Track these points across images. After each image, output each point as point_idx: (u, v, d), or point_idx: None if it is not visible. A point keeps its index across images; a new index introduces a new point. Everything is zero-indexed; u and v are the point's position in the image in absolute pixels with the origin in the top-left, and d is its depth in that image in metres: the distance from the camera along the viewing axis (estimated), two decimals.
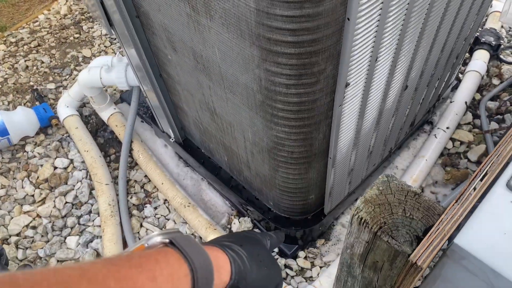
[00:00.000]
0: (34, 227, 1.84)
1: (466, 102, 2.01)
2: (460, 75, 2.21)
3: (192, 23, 1.07)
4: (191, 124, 1.72)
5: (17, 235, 1.82)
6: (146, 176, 1.98)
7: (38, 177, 1.98)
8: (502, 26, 2.45)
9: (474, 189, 0.74)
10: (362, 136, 1.34)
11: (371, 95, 1.19)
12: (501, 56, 2.30)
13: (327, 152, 1.29)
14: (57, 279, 0.35)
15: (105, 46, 2.58)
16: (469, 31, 1.59)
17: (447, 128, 1.92)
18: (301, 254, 1.72)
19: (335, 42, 0.91)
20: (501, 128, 1.99)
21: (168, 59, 1.39)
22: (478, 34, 2.27)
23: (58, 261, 1.76)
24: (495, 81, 2.25)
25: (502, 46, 2.29)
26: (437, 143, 1.88)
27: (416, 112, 1.73)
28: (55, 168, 2.02)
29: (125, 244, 1.78)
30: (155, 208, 1.91)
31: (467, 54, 2.23)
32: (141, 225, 1.86)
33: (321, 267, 1.69)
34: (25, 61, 2.51)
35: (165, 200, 1.91)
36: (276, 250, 1.74)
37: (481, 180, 0.76)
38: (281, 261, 1.70)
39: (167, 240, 0.47)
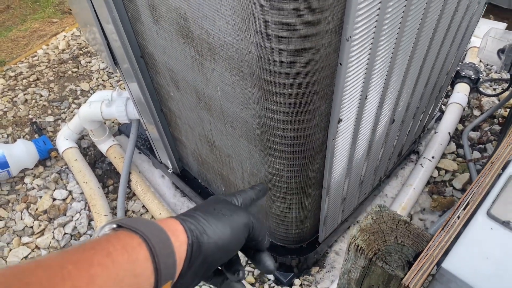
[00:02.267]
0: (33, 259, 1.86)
1: (449, 133, 2.13)
2: (443, 107, 2.33)
3: (197, 65, 1.16)
4: (189, 156, 1.79)
5: None
6: (143, 206, 2.03)
7: (37, 209, 2.01)
8: (480, 61, 2.61)
9: (458, 217, 0.82)
10: (354, 166, 1.43)
11: (362, 129, 1.28)
12: (481, 89, 2.44)
13: (321, 182, 1.37)
14: (13, 271, 0.35)
15: (103, 80, 2.66)
16: (451, 66, 1.71)
17: (433, 157, 2.02)
18: (297, 282, 1.77)
19: (328, 83, 1.01)
20: (483, 157, 2.10)
21: (170, 95, 1.48)
22: (458, 68, 2.41)
23: None
24: (476, 112, 2.38)
25: (481, 80, 2.43)
26: (423, 172, 1.97)
27: (403, 143, 1.83)
28: (54, 199, 2.05)
29: None
30: None
31: (449, 87, 2.36)
32: None
33: None
34: (24, 94, 2.58)
35: None
36: (272, 278, 1.78)
37: (464, 209, 0.84)
38: None
39: (114, 225, 0.47)
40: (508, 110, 2.32)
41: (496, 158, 0.91)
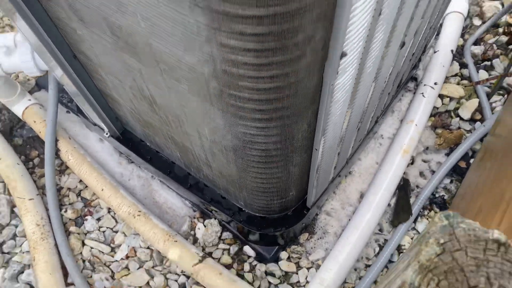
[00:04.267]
0: None
1: (452, 50, 1.73)
2: None
3: None
4: (127, 115, 1.33)
5: None
6: (81, 181, 1.59)
7: None
8: None
9: None
10: (354, 112, 1.03)
11: (369, 61, 0.86)
12: None
13: (312, 142, 0.97)
14: None
15: (9, 19, 2.06)
16: None
17: (435, 83, 1.64)
18: (283, 255, 1.44)
19: None
20: (492, 77, 1.74)
21: (78, 34, 0.99)
22: None
23: None
24: (476, 21, 1.98)
25: None
26: (426, 103, 1.60)
27: (405, 69, 1.43)
28: None
29: (65, 272, 1.42)
30: (98, 219, 1.54)
31: None
32: (83, 244, 1.49)
33: (308, 269, 1.41)
34: None
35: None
36: (253, 255, 1.44)
37: None
38: (261, 268, 1.41)
39: None
40: None
41: None
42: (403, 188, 1.53)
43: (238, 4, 0.53)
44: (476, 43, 1.90)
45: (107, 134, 1.47)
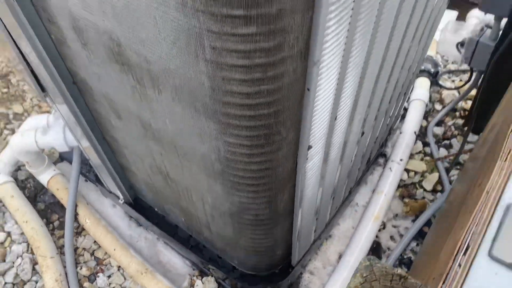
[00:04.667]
0: None
1: (415, 132, 2.06)
2: (405, 104, 2.26)
3: (138, 95, 0.98)
4: (141, 185, 1.60)
5: None
6: (95, 242, 1.82)
7: None
8: (437, 52, 2.57)
9: (460, 265, 0.71)
10: (326, 186, 1.30)
11: (332, 149, 1.15)
12: (440, 82, 2.39)
13: (292, 210, 1.23)
14: None
15: (38, 100, 2.39)
16: (417, 65, 1.61)
17: (401, 160, 1.94)
18: None
19: (295, 111, 0.86)
20: (450, 154, 2.05)
21: (112, 124, 1.28)
22: None
23: None
24: (438, 106, 2.33)
25: (440, 72, 2.39)
26: (393, 177, 1.89)
27: (372, 150, 1.73)
28: None
29: None
30: (109, 276, 1.75)
31: None
32: None
33: None
34: None
35: (119, 266, 1.75)
36: None
37: (465, 253, 0.72)
38: None
39: None
40: (468, 102, 2.29)
41: (491, 187, 0.81)
42: (376, 250, 1.77)
43: (237, 120, 0.83)
44: (438, 124, 2.24)
45: (121, 200, 1.73)
